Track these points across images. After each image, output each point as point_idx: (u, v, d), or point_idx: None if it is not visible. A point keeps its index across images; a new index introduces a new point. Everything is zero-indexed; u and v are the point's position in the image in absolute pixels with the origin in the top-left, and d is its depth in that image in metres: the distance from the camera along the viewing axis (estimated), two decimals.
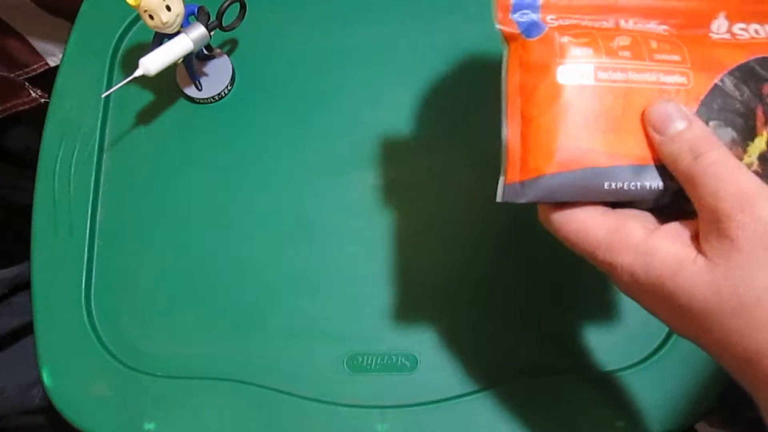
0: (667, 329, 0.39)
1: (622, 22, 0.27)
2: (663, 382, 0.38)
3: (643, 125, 0.25)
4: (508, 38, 0.27)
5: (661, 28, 0.27)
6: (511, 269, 0.41)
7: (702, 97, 0.26)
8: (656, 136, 0.25)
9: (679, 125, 0.24)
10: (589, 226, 0.25)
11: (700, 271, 0.22)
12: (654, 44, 0.26)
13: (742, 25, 0.27)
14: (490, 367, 0.39)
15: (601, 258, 0.25)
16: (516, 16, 0.26)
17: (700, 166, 0.23)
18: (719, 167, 0.23)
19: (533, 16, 0.26)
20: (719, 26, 0.27)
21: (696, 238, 0.23)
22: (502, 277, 0.40)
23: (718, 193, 0.22)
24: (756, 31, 0.27)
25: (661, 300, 0.24)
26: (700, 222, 0.23)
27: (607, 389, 0.38)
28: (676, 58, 0.26)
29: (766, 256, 0.21)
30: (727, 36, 0.27)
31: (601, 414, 0.38)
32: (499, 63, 0.28)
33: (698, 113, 0.25)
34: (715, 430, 0.55)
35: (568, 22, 0.26)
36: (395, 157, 0.43)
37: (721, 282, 0.22)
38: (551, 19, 0.26)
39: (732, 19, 0.27)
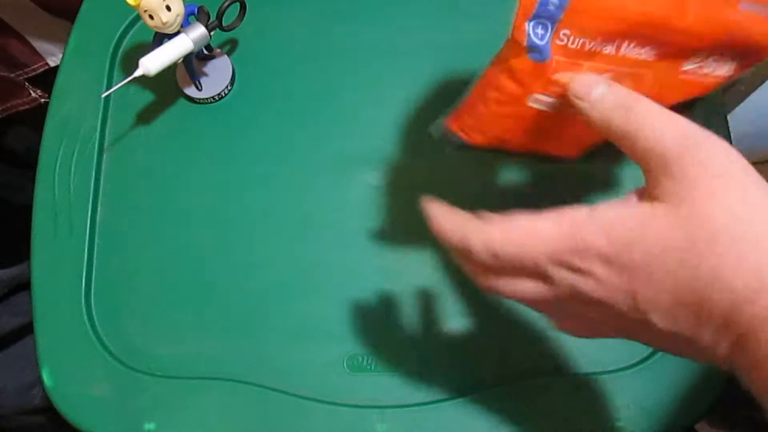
0: None
1: (624, 46, 0.26)
2: (663, 382, 0.38)
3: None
4: (513, 39, 0.27)
5: (652, 53, 0.27)
6: None
7: None
8: (582, 104, 0.25)
9: (602, 88, 0.25)
10: (536, 226, 0.24)
11: (665, 219, 0.22)
12: (627, 85, 0.26)
13: (715, 58, 0.28)
14: (490, 367, 0.39)
15: (566, 247, 0.23)
16: (531, 25, 0.25)
17: (635, 117, 0.23)
18: (656, 115, 0.23)
19: (545, 36, 0.26)
20: (698, 54, 0.27)
21: (641, 196, 0.23)
22: None
23: (665, 138, 0.22)
24: (716, 67, 0.28)
25: (635, 273, 0.22)
26: (648, 174, 0.23)
27: (607, 389, 0.38)
28: None
29: (724, 186, 0.21)
30: (695, 66, 0.28)
31: (601, 414, 0.38)
32: None
33: None
34: (715, 430, 0.55)
35: (575, 43, 0.26)
36: (395, 157, 0.43)
37: (688, 221, 0.21)
38: (564, 34, 0.26)
39: (712, 53, 0.27)
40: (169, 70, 0.40)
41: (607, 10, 0.25)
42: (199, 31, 0.39)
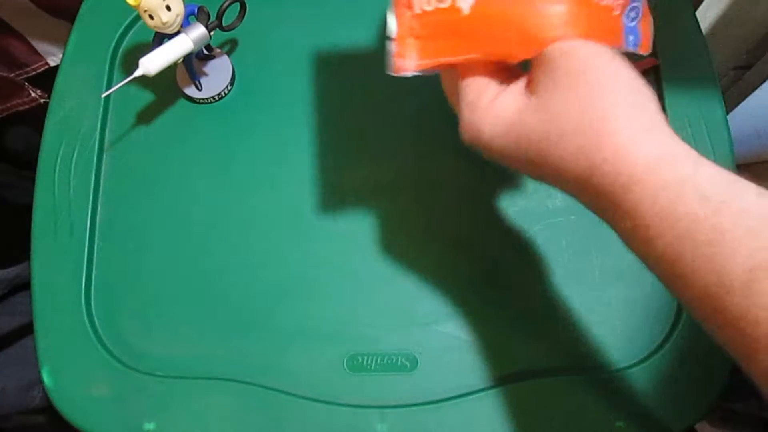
0: (667, 329, 0.39)
1: None
2: (663, 382, 0.38)
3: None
4: None
5: None
6: (511, 269, 0.41)
7: None
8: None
9: None
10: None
11: (532, 105, 0.25)
12: None
13: None
14: (489, 367, 0.39)
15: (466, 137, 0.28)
16: None
17: None
18: None
19: None
20: None
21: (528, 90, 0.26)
22: (502, 278, 0.40)
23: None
24: None
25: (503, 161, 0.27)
26: (533, 70, 0.26)
27: (607, 389, 0.38)
28: None
29: (578, 82, 0.24)
30: None
31: (601, 414, 0.38)
32: None
33: None
34: (715, 430, 0.55)
35: None
36: (396, 157, 0.43)
37: (547, 109, 0.25)
38: None
39: None
40: (169, 70, 0.40)
41: None
42: (199, 31, 0.39)
